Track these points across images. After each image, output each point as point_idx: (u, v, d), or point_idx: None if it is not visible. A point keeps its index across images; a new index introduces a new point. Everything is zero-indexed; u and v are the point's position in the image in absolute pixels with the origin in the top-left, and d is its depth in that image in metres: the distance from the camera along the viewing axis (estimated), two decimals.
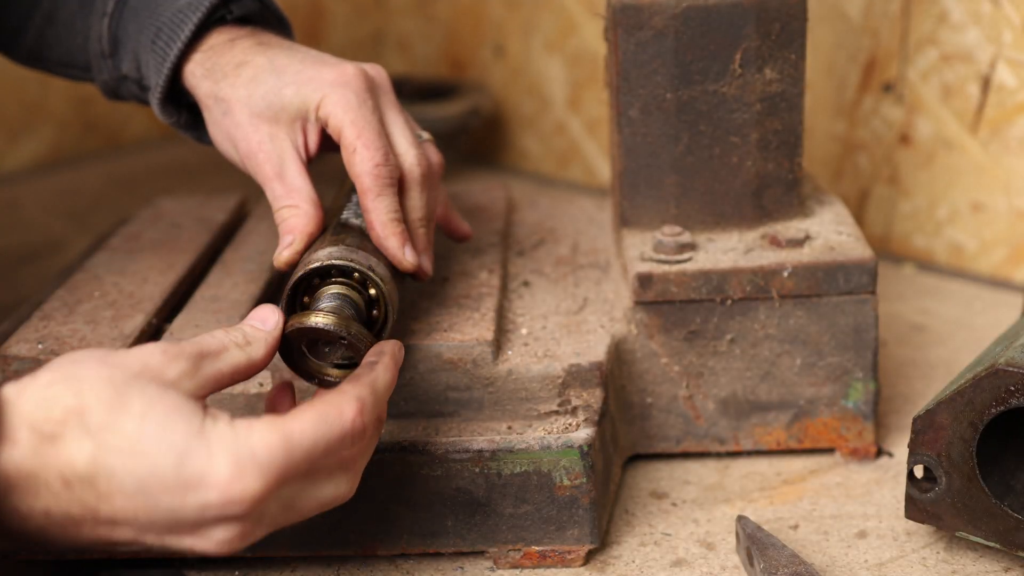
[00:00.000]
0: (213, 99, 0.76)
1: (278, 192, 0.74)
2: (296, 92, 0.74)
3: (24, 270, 1.20)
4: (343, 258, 0.68)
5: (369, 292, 0.69)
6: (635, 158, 0.82)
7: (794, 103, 0.81)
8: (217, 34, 0.77)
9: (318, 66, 0.75)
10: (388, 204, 0.72)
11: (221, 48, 0.77)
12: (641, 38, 0.79)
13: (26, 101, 1.53)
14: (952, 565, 0.70)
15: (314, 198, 0.74)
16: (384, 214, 0.72)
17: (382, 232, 0.72)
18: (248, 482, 0.53)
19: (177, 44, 0.76)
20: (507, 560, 0.71)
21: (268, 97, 0.74)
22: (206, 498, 0.53)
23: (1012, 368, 0.63)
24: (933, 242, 1.13)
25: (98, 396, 0.53)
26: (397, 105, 0.77)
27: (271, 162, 0.74)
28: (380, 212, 0.72)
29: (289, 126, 0.74)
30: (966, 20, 1.05)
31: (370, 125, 0.73)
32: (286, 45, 0.77)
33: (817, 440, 0.80)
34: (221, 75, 0.75)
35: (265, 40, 0.78)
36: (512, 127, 1.48)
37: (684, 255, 0.78)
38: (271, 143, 0.74)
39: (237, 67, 0.75)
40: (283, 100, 0.74)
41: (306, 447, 0.56)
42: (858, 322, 0.78)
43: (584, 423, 0.70)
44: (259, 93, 0.74)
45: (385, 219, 0.72)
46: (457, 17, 1.51)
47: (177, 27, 0.76)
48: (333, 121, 0.73)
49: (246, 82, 0.74)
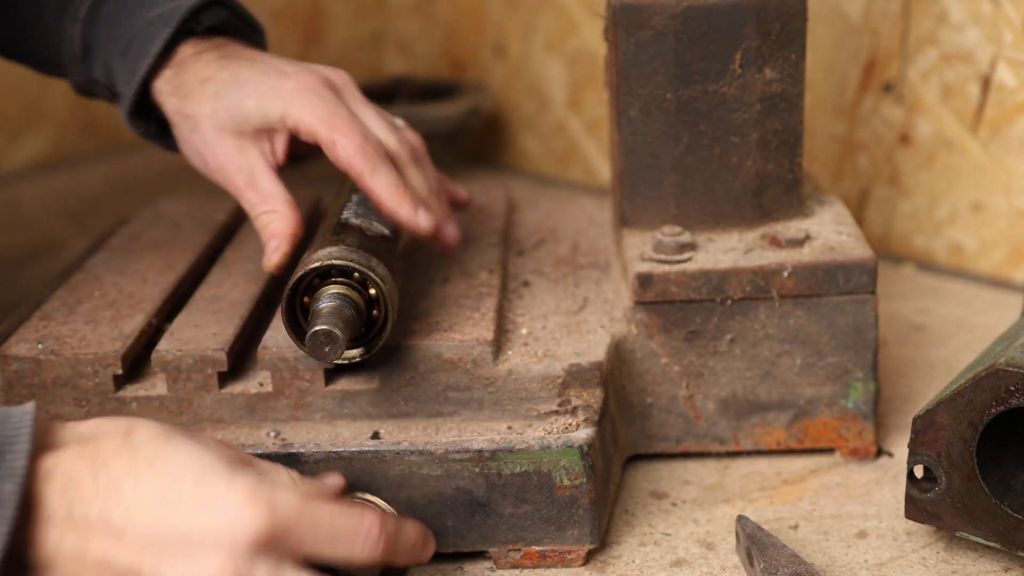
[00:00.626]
0: (180, 116, 0.77)
1: (253, 200, 0.76)
2: (257, 104, 0.75)
3: (24, 270, 1.20)
4: (343, 258, 0.68)
5: (369, 292, 0.69)
6: (635, 158, 0.82)
7: (794, 103, 0.81)
8: (184, 48, 0.78)
9: (279, 76, 0.76)
10: (387, 176, 0.73)
11: (187, 63, 0.78)
12: (641, 38, 0.79)
13: (26, 101, 1.53)
14: (952, 565, 0.70)
15: (290, 200, 0.75)
16: (387, 186, 0.73)
17: (391, 202, 0.73)
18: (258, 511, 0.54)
19: (147, 60, 0.77)
20: (507, 560, 0.71)
21: (231, 111, 0.75)
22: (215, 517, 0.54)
23: (1012, 368, 0.63)
24: (933, 242, 1.12)
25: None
26: (364, 100, 0.78)
27: (241, 173, 0.76)
28: (382, 185, 0.73)
29: (254, 137, 0.76)
30: (966, 20, 1.05)
31: (341, 117, 0.74)
32: (249, 56, 0.78)
33: (817, 440, 0.80)
34: (187, 92, 0.77)
35: (229, 53, 0.78)
36: (512, 127, 1.48)
37: (684, 255, 0.78)
38: (239, 155, 0.76)
39: (201, 83, 0.76)
40: (245, 112, 0.75)
41: (321, 518, 0.57)
42: (858, 322, 0.78)
43: (584, 423, 0.70)
44: (222, 107, 0.75)
45: (389, 190, 0.73)
46: (457, 17, 1.51)
47: (147, 42, 0.77)
48: (304, 126, 0.74)
49: (210, 98, 0.76)
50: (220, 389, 0.73)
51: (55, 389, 0.73)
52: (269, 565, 0.55)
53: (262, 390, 0.73)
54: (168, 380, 0.72)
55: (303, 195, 1.00)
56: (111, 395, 0.73)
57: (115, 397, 0.73)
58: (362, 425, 0.72)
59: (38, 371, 0.72)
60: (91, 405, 0.73)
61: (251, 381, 0.73)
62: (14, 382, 0.73)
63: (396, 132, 0.78)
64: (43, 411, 0.73)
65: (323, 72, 0.78)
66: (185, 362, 0.72)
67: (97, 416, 0.72)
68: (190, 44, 0.79)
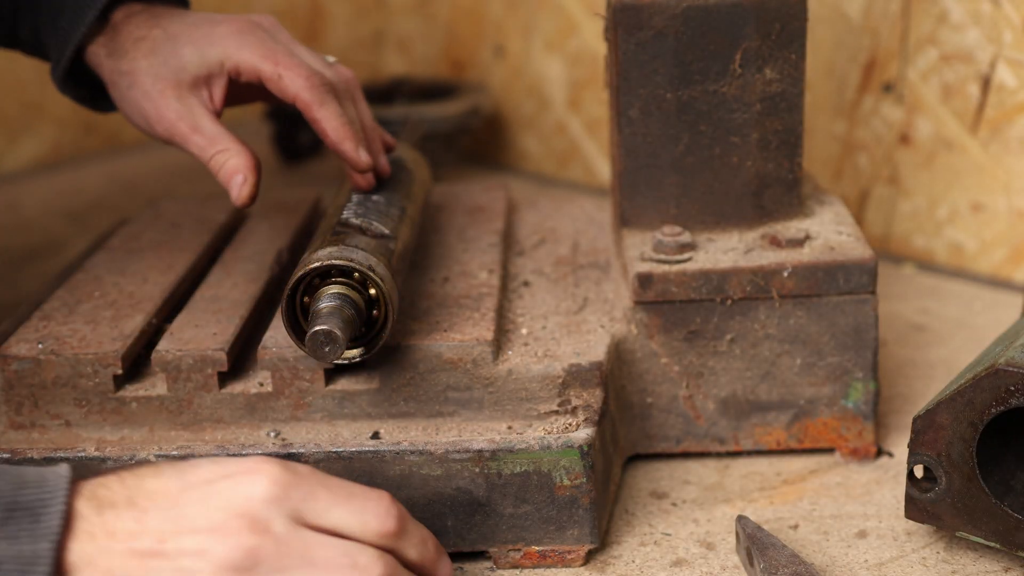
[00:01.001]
0: (117, 74, 0.79)
1: (201, 143, 0.77)
2: (194, 50, 0.77)
3: (24, 270, 1.20)
4: (343, 258, 0.68)
5: (369, 292, 0.69)
6: (635, 158, 0.82)
7: (794, 103, 0.81)
8: (116, 14, 0.80)
9: (210, 24, 0.78)
10: (334, 108, 0.76)
11: (120, 26, 0.79)
12: (641, 38, 0.79)
13: (26, 101, 1.53)
14: (952, 565, 0.70)
15: (238, 138, 0.77)
16: (334, 119, 0.76)
17: (335, 136, 0.76)
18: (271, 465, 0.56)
19: (80, 28, 0.79)
20: (507, 560, 0.71)
21: (169, 62, 0.77)
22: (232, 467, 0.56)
23: (1012, 368, 0.63)
24: (933, 242, 1.12)
25: None
26: (294, 39, 0.81)
27: (183, 120, 0.77)
28: (330, 118, 0.76)
29: (192, 85, 0.77)
30: (966, 20, 1.05)
31: (283, 52, 0.77)
32: (178, 14, 0.81)
33: (817, 440, 0.80)
34: (123, 51, 0.78)
35: (158, 13, 0.80)
36: (512, 127, 1.48)
37: (684, 255, 0.78)
38: (179, 103, 0.77)
39: (136, 42, 0.78)
40: (182, 61, 0.77)
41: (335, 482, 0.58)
42: (858, 322, 0.78)
43: (584, 423, 0.70)
44: (159, 60, 0.77)
45: (336, 123, 0.76)
46: (457, 17, 1.51)
47: (80, 10, 0.79)
48: (245, 66, 0.76)
49: (145, 53, 0.78)
50: (220, 389, 0.73)
51: (55, 389, 0.73)
52: (286, 517, 0.55)
53: (262, 390, 0.73)
54: (168, 380, 0.72)
55: (303, 195, 1.00)
56: (111, 395, 0.73)
57: (115, 397, 0.73)
58: (362, 425, 0.72)
59: (38, 371, 0.72)
60: (91, 405, 0.73)
61: (251, 381, 0.73)
62: (14, 382, 0.73)
63: (331, 68, 0.80)
64: None
65: (251, 17, 0.80)
66: (185, 362, 0.72)
67: (97, 414, 0.73)
68: (121, 10, 0.80)
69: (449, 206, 0.96)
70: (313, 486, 0.57)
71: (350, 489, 0.58)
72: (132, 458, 0.69)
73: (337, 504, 0.57)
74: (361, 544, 0.57)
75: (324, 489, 0.57)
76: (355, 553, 0.56)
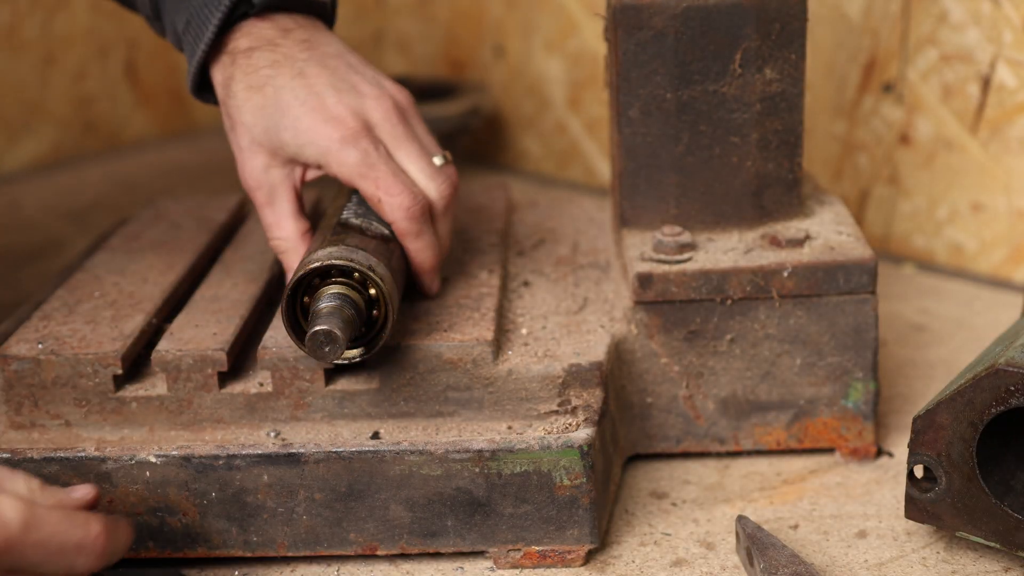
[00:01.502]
0: (224, 111, 0.78)
1: (269, 221, 0.78)
2: (293, 139, 0.75)
3: (24, 270, 1.20)
4: (343, 258, 0.68)
5: (369, 292, 0.69)
6: (635, 158, 0.82)
7: (794, 103, 0.81)
8: (238, 36, 0.78)
9: (321, 118, 0.75)
10: (427, 240, 0.76)
11: (239, 59, 0.77)
12: (641, 38, 0.79)
13: (26, 101, 1.53)
14: (952, 565, 0.70)
15: (301, 231, 0.77)
16: (423, 252, 0.76)
17: (420, 267, 0.76)
18: None
19: (201, 47, 0.78)
20: (507, 560, 0.71)
21: (268, 134, 0.76)
22: None
23: (1012, 368, 0.63)
24: (933, 242, 1.13)
25: None
26: (409, 135, 0.77)
27: (262, 190, 0.77)
28: (420, 250, 0.76)
29: (285, 162, 0.77)
30: (966, 20, 1.05)
31: (384, 174, 0.74)
32: (299, 65, 0.77)
33: (817, 440, 0.80)
34: (233, 93, 0.77)
35: (283, 54, 0.77)
36: (512, 127, 1.48)
37: (684, 255, 0.78)
38: (264, 173, 0.77)
39: (247, 90, 0.76)
40: (281, 142, 0.76)
41: (46, 534, 0.57)
42: (858, 322, 0.78)
43: (584, 423, 0.70)
44: (261, 127, 0.76)
45: (424, 256, 0.76)
46: (457, 17, 1.51)
47: (201, 25, 0.77)
48: (344, 177, 0.75)
49: (252, 110, 0.76)
50: (220, 389, 0.73)
51: (55, 389, 0.73)
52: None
53: (262, 390, 0.73)
54: (168, 380, 0.72)
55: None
56: (111, 395, 0.73)
57: (115, 397, 0.73)
58: (362, 425, 0.72)
59: (38, 371, 0.72)
60: (91, 405, 0.73)
61: (251, 381, 0.74)
62: (14, 382, 0.73)
63: (435, 178, 0.76)
64: None
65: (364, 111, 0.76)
66: (185, 362, 0.72)
67: (97, 414, 0.73)
68: (243, 31, 0.78)
69: None
70: (22, 549, 0.56)
71: (63, 539, 0.58)
72: (132, 458, 0.69)
73: (48, 562, 0.57)
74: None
75: (33, 548, 0.57)
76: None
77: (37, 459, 0.69)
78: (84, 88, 1.57)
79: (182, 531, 0.70)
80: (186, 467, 0.69)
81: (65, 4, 1.54)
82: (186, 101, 1.68)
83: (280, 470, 0.69)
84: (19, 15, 1.49)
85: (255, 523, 0.70)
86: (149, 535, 0.70)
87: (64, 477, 0.69)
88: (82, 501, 0.62)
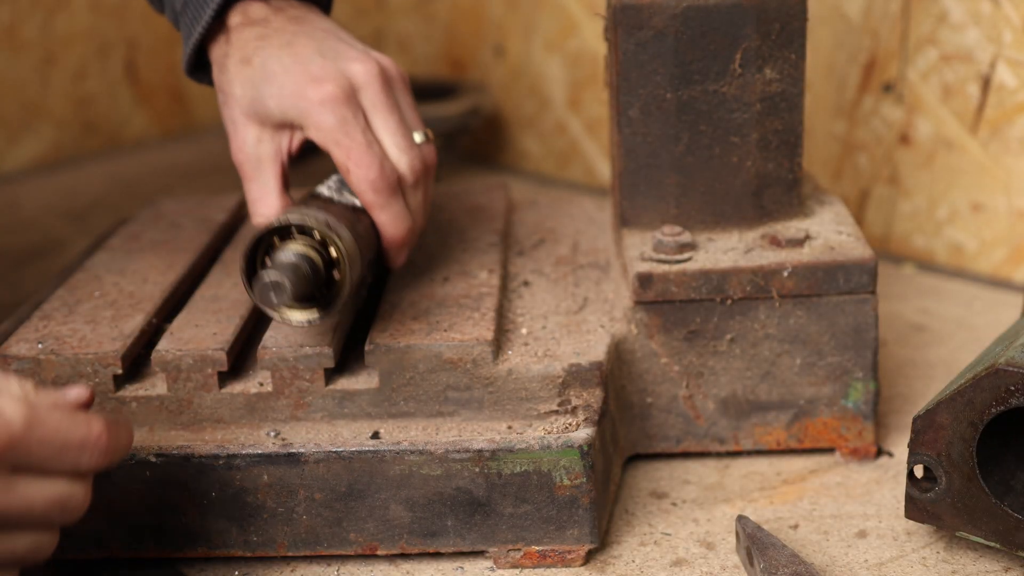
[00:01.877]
0: (219, 88, 0.80)
1: (255, 195, 0.78)
2: (278, 105, 0.76)
3: (24, 270, 1.20)
4: (303, 217, 0.69)
5: (330, 253, 0.69)
6: (635, 158, 0.82)
7: (794, 103, 0.81)
8: (234, 14, 0.80)
9: (305, 79, 0.75)
10: (395, 212, 0.76)
11: (233, 36, 0.79)
12: (641, 38, 0.79)
13: (26, 101, 1.53)
14: (952, 565, 0.70)
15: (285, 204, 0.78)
16: (391, 225, 0.76)
17: (388, 241, 0.76)
18: None
19: (198, 28, 0.80)
20: (507, 560, 0.71)
21: (255, 104, 0.77)
22: None
23: (1012, 368, 0.63)
24: (933, 242, 1.13)
25: None
26: (391, 104, 0.77)
27: (250, 163, 0.78)
28: (387, 223, 0.76)
29: (274, 131, 0.78)
30: (966, 20, 1.05)
31: (357, 143, 0.74)
32: (287, 37, 0.78)
33: (817, 440, 0.80)
34: (226, 68, 0.79)
35: (273, 28, 0.79)
36: (512, 127, 1.48)
37: (684, 255, 0.78)
38: (254, 145, 0.78)
39: (239, 64, 0.78)
40: (268, 109, 0.77)
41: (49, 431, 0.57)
42: (858, 322, 0.78)
43: (584, 423, 0.70)
44: (249, 96, 0.77)
45: (392, 230, 0.76)
46: (457, 17, 1.51)
47: (201, 4, 0.79)
48: (319, 141, 0.76)
49: (243, 82, 0.77)
50: (220, 389, 0.73)
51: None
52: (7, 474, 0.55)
53: (262, 390, 0.73)
54: (168, 380, 0.72)
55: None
56: (111, 395, 0.73)
57: (115, 397, 0.73)
58: (362, 425, 0.72)
59: (38, 371, 0.72)
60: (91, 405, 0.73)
61: (251, 381, 0.74)
62: None
63: (410, 151, 0.76)
64: None
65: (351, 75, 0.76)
66: (185, 362, 0.72)
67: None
68: (239, 10, 0.80)
69: (449, 206, 0.96)
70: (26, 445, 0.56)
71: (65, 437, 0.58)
72: (132, 458, 0.69)
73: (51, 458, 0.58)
74: None
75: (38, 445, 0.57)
76: None
77: None
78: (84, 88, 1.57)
79: (182, 531, 0.70)
80: (186, 467, 0.69)
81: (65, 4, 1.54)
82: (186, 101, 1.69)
83: (280, 470, 0.69)
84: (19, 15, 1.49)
85: (255, 523, 0.70)
86: (149, 535, 0.70)
87: None
88: (78, 401, 0.62)
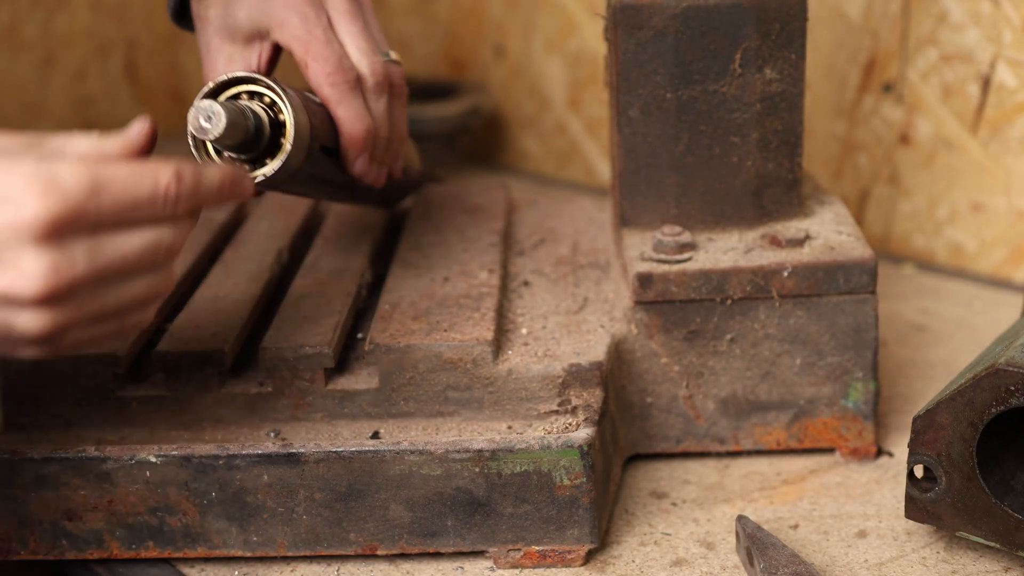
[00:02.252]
0: (197, 17, 0.81)
1: None
2: (247, 15, 0.77)
3: None
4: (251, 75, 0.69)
5: (279, 117, 0.69)
6: (635, 158, 0.82)
7: (794, 103, 0.81)
8: None
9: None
10: (354, 109, 0.76)
11: None
12: (641, 38, 0.79)
13: (26, 101, 1.53)
14: (952, 565, 0.70)
15: None
16: (348, 122, 0.76)
17: (346, 139, 0.76)
18: (48, 201, 0.53)
19: None
20: (507, 560, 0.71)
21: (226, 20, 0.78)
22: (3, 215, 0.53)
23: (1012, 368, 0.63)
24: (933, 242, 1.13)
25: None
26: (355, 15, 0.78)
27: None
28: (345, 119, 0.76)
29: (245, 46, 0.79)
30: (966, 20, 1.05)
31: (317, 39, 0.76)
32: None
33: (817, 440, 0.80)
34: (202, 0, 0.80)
35: None
36: (512, 127, 1.48)
37: (684, 255, 0.78)
38: (225, 64, 0.79)
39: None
40: (238, 23, 0.78)
41: (114, 190, 0.55)
42: (858, 322, 0.78)
43: (584, 423, 0.70)
44: (220, 15, 0.79)
45: (350, 127, 0.76)
46: (457, 17, 1.51)
47: None
48: (283, 43, 0.77)
49: (215, 4, 0.79)
50: (220, 389, 0.73)
51: (55, 389, 0.73)
52: (84, 244, 0.54)
53: (262, 390, 0.73)
54: (168, 380, 0.72)
55: None
56: (111, 395, 0.73)
57: (115, 397, 0.73)
58: (362, 425, 0.72)
59: (38, 371, 0.72)
60: (91, 405, 0.73)
61: (251, 381, 0.74)
62: (14, 382, 0.73)
63: (372, 55, 0.78)
64: None
65: None
66: (185, 362, 0.72)
67: (97, 414, 0.73)
68: None
69: (449, 206, 0.96)
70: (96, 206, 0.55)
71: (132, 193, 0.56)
72: (132, 458, 0.69)
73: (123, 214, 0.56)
74: None
75: (108, 204, 0.55)
76: None
77: (37, 459, 0.69)
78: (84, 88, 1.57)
79: (182, 531, 0.70)
80: (186, 467, 0.69)
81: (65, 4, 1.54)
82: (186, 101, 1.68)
83: (280, 470, 0.69)
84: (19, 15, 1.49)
85: (255, 523, 0.70)
86: (149, 535, 0.70)
87: (64, 477, 0.69)
88: (139, 141, 0.61)
